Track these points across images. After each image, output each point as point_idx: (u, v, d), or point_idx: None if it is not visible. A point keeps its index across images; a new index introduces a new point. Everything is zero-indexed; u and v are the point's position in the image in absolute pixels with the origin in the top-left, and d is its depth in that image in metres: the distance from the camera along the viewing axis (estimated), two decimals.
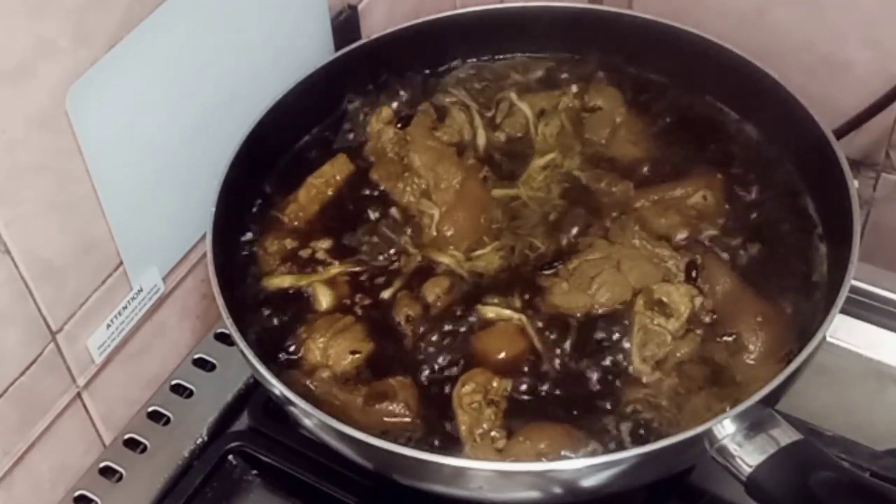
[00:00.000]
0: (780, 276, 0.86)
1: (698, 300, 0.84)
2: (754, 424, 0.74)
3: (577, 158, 0.95)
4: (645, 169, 0.94)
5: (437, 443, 0.79)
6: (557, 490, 0.75)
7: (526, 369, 0.82)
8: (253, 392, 0.94)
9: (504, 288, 0.87)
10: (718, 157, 0.94)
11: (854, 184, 0.84)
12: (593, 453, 0.77)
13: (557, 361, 0.82)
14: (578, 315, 0.85)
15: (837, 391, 0.92)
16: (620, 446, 0.78)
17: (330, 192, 0.94)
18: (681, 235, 0.88)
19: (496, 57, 1.04)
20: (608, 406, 0.80)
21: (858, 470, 0.82)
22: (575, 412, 0.80)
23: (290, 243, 0.91)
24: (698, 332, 0.83)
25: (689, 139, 0.96)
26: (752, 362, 0.81)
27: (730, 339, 0.83)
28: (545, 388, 0.81)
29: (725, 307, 0.84)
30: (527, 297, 0.86)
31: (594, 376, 0.82)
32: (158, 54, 0.83)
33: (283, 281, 0.89)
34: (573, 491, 0.75)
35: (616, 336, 0.83)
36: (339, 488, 0.86)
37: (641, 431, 0.78)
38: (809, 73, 1.04)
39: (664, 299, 0.84)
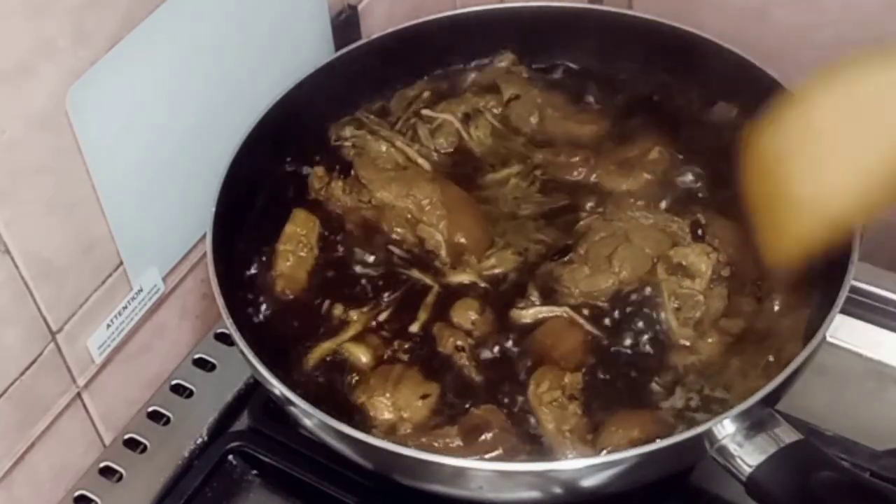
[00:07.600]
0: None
1: (713, 255, 0.84)
2: (754, 424, 0.74)
3: (525, 149, 0.96)
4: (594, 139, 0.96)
5: (528, 450, 0.78)
6: (557, 490, 0.75)
7: (584, 359, 0.82)
8: (253, 392, 0.94)
9: (527, 288, 0.86)
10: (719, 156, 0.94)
11: None
12: (679, 434, 0.76)
13: (608, 346, 0.82)
14: (608, 295, 0.85)
15: (837, 391, 0.92)
16: (693, 422, 0.77)
17: (304, 254, 0.89)
18: (664, 196, 0.90)
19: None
20: (669, 380, 0.80)
21: (858, 470, 0.82)
22: (639, 392, 0.80)
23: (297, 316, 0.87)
24: (723, 286, 0.84)
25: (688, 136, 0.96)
26: (778, 308, 0.82)
27: (754, 287, 0.84)
28: (609, 373, 0.81)
29: (739, 256, 0.85)
30: (552, 290, 0.85)
31: (645, 351, 0.82)
32: (158, 54, 0.83)
33: (320, 353, 0.84)
34: (573, 491, 0.75)
35: (650, 307, 0.84)
36: (339, 488, 0.86)
37: (705, 403, 0.79)
38: (809, 74, 1.03)
39: (683, 262, 0.84)
